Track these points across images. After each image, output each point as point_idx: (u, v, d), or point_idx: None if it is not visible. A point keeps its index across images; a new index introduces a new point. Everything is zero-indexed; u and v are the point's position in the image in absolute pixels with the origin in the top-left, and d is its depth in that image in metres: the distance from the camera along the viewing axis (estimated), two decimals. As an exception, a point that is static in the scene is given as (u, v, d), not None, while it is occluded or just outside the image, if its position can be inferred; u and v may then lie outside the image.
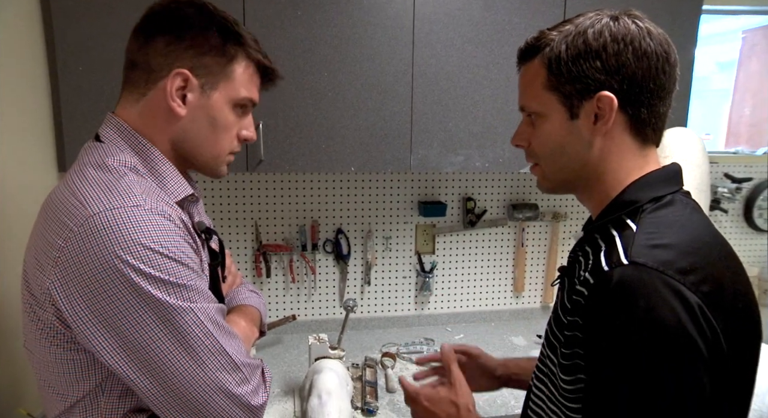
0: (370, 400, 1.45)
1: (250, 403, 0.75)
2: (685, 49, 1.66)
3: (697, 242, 0.66)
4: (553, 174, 0.79)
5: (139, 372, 0.69)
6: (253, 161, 1.48)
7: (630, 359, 0.61)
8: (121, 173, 0.73)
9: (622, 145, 0.72)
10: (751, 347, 0.69)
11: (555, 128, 0.74)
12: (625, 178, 0.73)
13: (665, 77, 0.70)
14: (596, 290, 0.65)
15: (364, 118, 1.52)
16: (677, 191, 0.73)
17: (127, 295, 0.66)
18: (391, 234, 1.96)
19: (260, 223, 1.85)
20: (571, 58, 0.70)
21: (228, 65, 0.79)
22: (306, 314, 1.95)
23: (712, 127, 2.48)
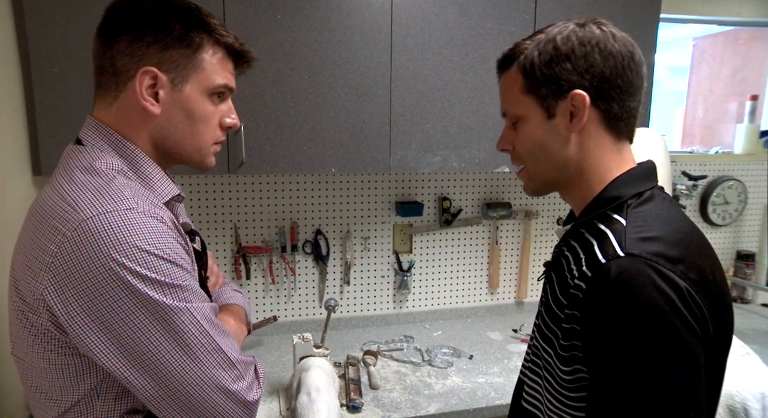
0: (355, 397, 1.48)
1: (245, 399, 0.76)
2: (645, 54, 1.75)
3: (679, 233, 0.72)
4: (537, 174, 0.83)
5: (137, 373, 0.69)
6: (235, 163, 1.49)
7: (630, 345, 0.66)
8: (110, 177, 0.73)
9: (598, 139, 0.77)
10: (726, 331, 0.75)
11: (535, 129, 0.79)
12: (605, 175, 0.78)
13: (632, 74, 0.75)
14: (595, 282, 0.69)
15: (344, 120, 1.55)
16: (654, 187, 0.78)
17: (123, 297, 0.67)
18: (370, 234, 1.99)
19: (239, 225, 1.85)
20: (543, 62, 0.76)
21: (195, 55, 0.77)
22: (287, 315, 1.95)
23: (666, 127, 2.63)
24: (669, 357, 0.65)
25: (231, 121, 0.84)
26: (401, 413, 1.44)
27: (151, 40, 0.75)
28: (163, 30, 0.75)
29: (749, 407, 1.16)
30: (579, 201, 0.81)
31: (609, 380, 0.68)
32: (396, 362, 1.74)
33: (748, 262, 2.33)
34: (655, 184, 0.78)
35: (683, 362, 0.66)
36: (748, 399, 1.17)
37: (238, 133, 1.47)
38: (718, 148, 2.42)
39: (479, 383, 1.60)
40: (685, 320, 0.66)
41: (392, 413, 1.44)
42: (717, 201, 2.35)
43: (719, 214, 2.36)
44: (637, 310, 0.65)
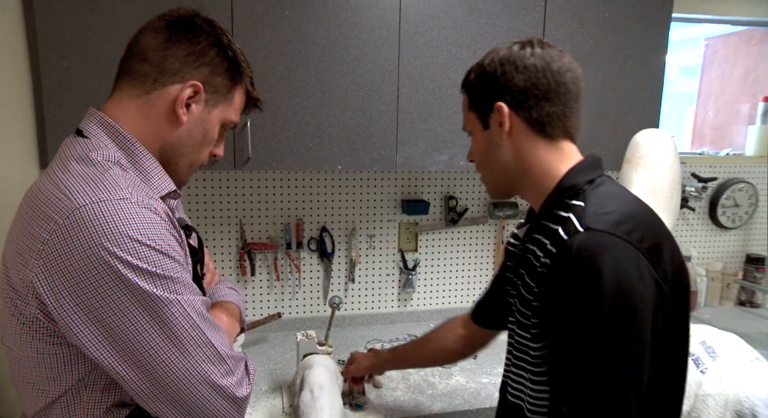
0: (358, 395, 1.47)
1: (234, 394, 0.75)
2: (656, 54, 1.75)
3: (633, 209, 0.82)
4: (489, 178, 0.97)
5: (125, 364, 0.69)
6: (241, 159, 1.49)
7: (591, 320, 0.72)
8: (105, 167, 0.73)
9: (529, 142, 0.88)
10: (684, 296, 0.84)
11: (479, 140, 0.94)
12: (551, 171, 0.88)
13: (548, 83, 0.85)
14: (559, 257, 0.78)
15: (351, 117, 1.55)
16: (603, 174, 0.88)
17: (113, 287, 0.66)
18: (375, 232, 1.98)
19: (245, 221, 1.85)
20: (476, 82, 0.91)
21: (231, 90, 0.85)
22: (291, 312, 1.95)
23: (676, 129, 2.60)
24: (629, 332, 0.72)
25: (219, 152, 0.91)
26: (404, 413, 1.44)
27: (207, 62, 0.81)
28: (219, 59, 0.82)
29: (758, 412, 1.15)
30: (535, 197, 0.91)
31: (571, 354, 0.76)
32: (400, 361, 1.73)
33: (758, 265, 2.30)
34: (602, 172, 0.88)
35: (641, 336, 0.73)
36: (757, 405, 1.15)
37: (244, 129, 1.46)
38: (728, 150, 2.39)
39: (483, 384, 1.59)
40: (640, 285, 0.73)
41: (395, 412, 1.44)
42: (727, 203, 2.32)
43: (729, 216, 2.34)
44: (598, 282, 0.72)
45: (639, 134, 1.66)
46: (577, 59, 1.70)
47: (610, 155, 1.76)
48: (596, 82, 1.72)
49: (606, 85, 1.73)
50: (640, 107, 1.77)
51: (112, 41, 1.33)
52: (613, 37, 1.71)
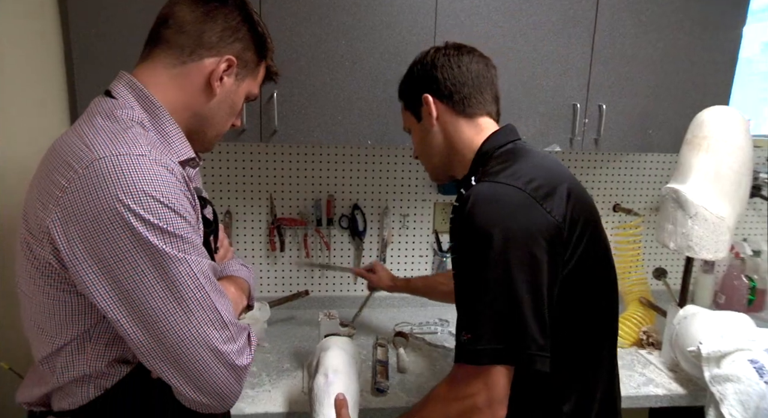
0: (381, 379, 1.42)
1: (234, 362, 0.75)
2: (732, 22, 1.55)
3: (529, 161, 0.94)
4: (429, 164, 1.13)
5: (129, 317, 0.70)
6: (267, 132, 1.44)
7: (483, 239, 0.82)
8: (128, 124, 0.75)
9: (454, 123, 1.04)
10: (588, 225, 0.92)
11: (416, 133, 1.12)
12: (471, 143, 1.02)
13: (460, 73, 1.02)
14: (458, 208, 0.89)
15: (382, 89, 1.46)
16: (517, 139, 1.02)
17: (124, 238, 0.68)
18: (409, 211, 1.91)
19: (275, 196, 1.82)
20: (406, 86, 1.12)
21: (258, 65, 0.91)
22: (320, 290, 1.92)
23: (754, 111, 2.34)
24: (512, 257, 0.81)
25: (237, 123, 0.95)
26: (426, 400, 1.38)
27: (241, 37, 0.85)
28: (251, 35, 0.87)
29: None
30: (463, 172, 1.04)
31: (464, 283, 0.86)
32: (428, 346, 1.67)
33: (836, 263, 2.06)
34: (516, 138, 1.02)
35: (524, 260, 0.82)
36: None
37: (271, 101, 1.41)
38: (812, 134, 2.13)
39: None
40: (521, 221, 0.83)
41: (417, 400, 1.38)
42: (805, 193, 2.08)
43: (806, 207, 2.10)
44: (472, 218, 0.83)
45: (704, 112, 1.48)
46: (635, 26, 1.54)
47: (667, 136, 1.60)
48: (655, 52, 1.54)
49: (667, 56, 1.55)
50: (708, 82, 1.59)
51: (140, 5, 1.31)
52: (680, 1, 1.52)
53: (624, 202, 2.03)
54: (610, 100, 1.55)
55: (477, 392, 0.81)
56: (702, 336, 1.35)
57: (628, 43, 1.53)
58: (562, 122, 1.55)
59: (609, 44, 1.52)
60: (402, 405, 1.35)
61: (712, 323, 1.40)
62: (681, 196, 1.42)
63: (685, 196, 1.41)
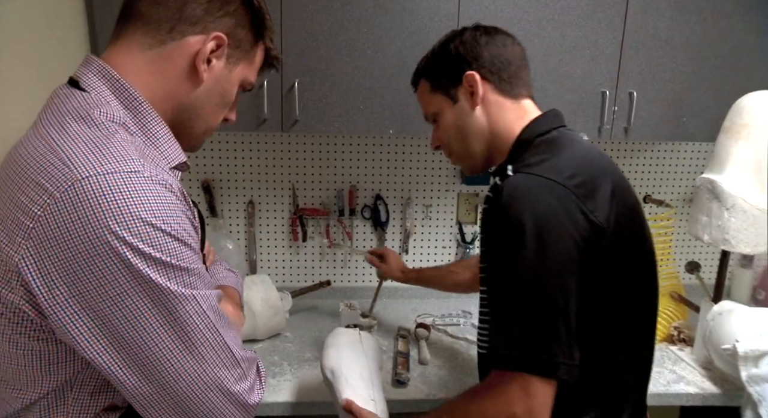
0: (402, 371, 1.41)
1: (246, 401, 0.68)
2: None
3: (573, 153, 0.86)
4: (465, 152, 1.00)
5: (127, 367, 0.59)
6: (288, 121, 1.44)
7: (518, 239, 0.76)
8: (110, 130, 0.62)
9: (498, 104, 0.95)
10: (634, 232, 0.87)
11: (449, 117, 0.99)
12: (513, 127, 0.94)
13: (506, 51, 0.96)
14: (492, 200, 0.83)
15: (404, 78, 1.42)
16: (561, 126, 0.94)
17: (119, 277, 0.56)
18: (432, 202, 1.88)
19: (297, 186, 1.82)
20: (439, 63, 1.00)
21: (254, 46, 0.77)
22: (342, 280, 1.92)
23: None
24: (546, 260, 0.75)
25: (231, 117, 0.82)
26: (447, 393, 1.36)
27: (232, 11, 0.71)
28: (244, 9, 0.73)
29: None
30: (500, 160, 0.96)
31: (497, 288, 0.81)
32: (450, 338, 1.65)
33: None
34: (560, 125, 0.94)
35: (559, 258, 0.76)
36: None
37: (292, 90, 1.40)
38: None
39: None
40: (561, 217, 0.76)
41: (438, 392, 1.37)
42: None
43: None
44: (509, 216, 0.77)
45: (744, 98, 1.41)
46: (670, 9, 1.47)
47: (703, 124, 1.53)
48: (692, 36, 1.47)
49: (705, 39, 1.48)
50: (748, 67, 1.51)
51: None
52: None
53: (655, 193, 1.96)
54: (642, 87, 1.49)
55: (515, 400, 0.76)
56: (739, 334, 1.29)
57: (662, 27, 1.46)
58: (591, 110, 1.50)
59: (641, 28, 1.46)
60: (422, 397, 1.34)
61: (750, 321, 1.34)
62: (717, 187, 1.36)
63: (721, 186, 1.34)
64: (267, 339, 1.59)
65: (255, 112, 1.41)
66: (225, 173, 1.79)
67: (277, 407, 1.31)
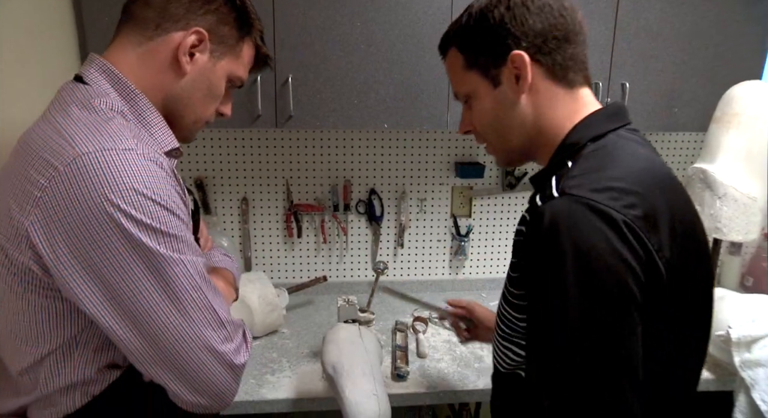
0: (401, 365, 1.42)
1: (232, 361, 0.73)
2: (762, -8, 1.48)
3: (631, 170, 0.68)
4: (501, 145, 0.83)
5: (123, 323, 0.66)
6: (282, 117, 1.43)
7: (560, 286, 0.63)
8: (109, 115, 0.70)
9: (549, 93, 0.76)
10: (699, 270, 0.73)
11: (486, 102, 0.79)
12: (564, 124, 0.76)
13: (566, 22, 0.75)
14: (531, 225, 0.68)
15: (398, 72, 1.43)
16: (621, 127, 0.75)
17: (115, 241, 0.63)
18: (426, 196, 1.88)
19: (291, 182, 1.81)
20: (476, 34, 0.77)
21: (239, 42, 0.82)
22: (338, 275, 1.92)
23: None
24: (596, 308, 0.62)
25: (226, 110, 0.88)
26: (447, 386, 1.37)
27: (214, 9, 0.78)
28: (226, 7, 0.79)
29: None
30: (544, 158, 0.80)
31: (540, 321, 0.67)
32: (447, 331, 1.66)
33: None
34: (620, 125, 0.75)
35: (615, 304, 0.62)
36: None
37: (286, 85, 1.39)
38: None
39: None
40: (618, 256, 0.62)
41: (438, 385, 1.38)
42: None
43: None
44: (567, 251, 0.62)
45: (734, 88, 1.43)
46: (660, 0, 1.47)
47: (694, 114, 1.54)
48: (683, 26, 1.48)
49: (696, 29, 1.49)
50: (739, 57, 1.52)
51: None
52: (709, -28, 1.46)
53: (647, 183, 1.98)
54: (634, 79, 1.50)
55: None
56: (731, 320, 1.32)
57: (653, 18, 1.47)
58: (584, 102, 1.50)
59: (633, 20, 1.47)
60: (423, 391, 1.35)
61: (742, 307, 1.36)
62: (709, 176, 1.38)
63: (713, 176, 1.37)
64: (264, 336, 1.59)
65: (249, 108, 1.40)
66: (218, 170, 1.78)
67: (277, 403, 1.31)
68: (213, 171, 1.78)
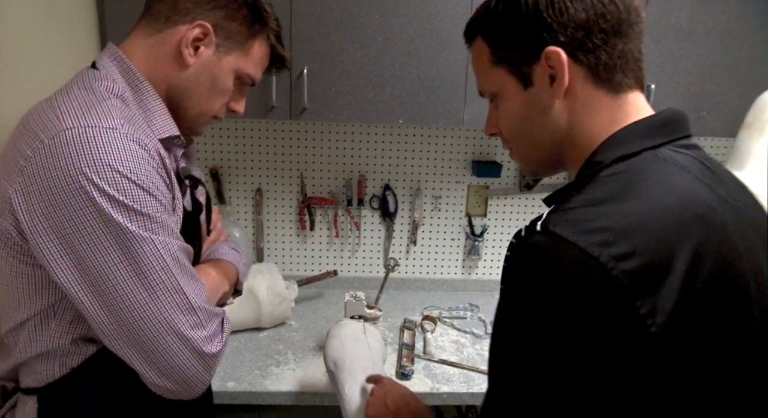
0: (406, 363, 1.40)
1: (201, 348, 0.72)
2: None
3: (649, 206, 0.54)
4: (527, 154, 0.72)
5: (90, 295, 0.67)
6: (297, 109, 1.42)
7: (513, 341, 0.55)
8: (105, 97, 0.72)
9: (590, 99, 0.63)
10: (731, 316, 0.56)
11: (513, 104, 0.68)
12: (600, 137, 0.63)
13: (617, 10, 0.61)
14: (511, 256, 0.59)
15: (415, 66, 1.40)
16: (668, 142, 0.61)
17: (87, 214, 0.65)
18: (441, 193, 1.86)
19: (306, 174, 1.81)
20: (506, 24, 0.65)
21: (249, 40, 0.83)
22: (349, 270, 1.91)
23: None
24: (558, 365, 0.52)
25: (237, 108, 0.88)
26: (452, 387, 1.35)
27: (223, 5, 0.79)
28: (237, 3, 0.80)
29: None
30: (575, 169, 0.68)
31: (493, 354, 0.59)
32: (456, 331, 1.64)
33: None
34: (666, 140, 0.61)
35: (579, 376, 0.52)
36: None
37: (301, 77, 1.38)
38: None
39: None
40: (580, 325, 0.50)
41: (442, 386, 1.36)
42: None
43: None
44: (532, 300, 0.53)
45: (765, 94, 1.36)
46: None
47: (723, 119, 1.48)
48: (716, 25, 1.42)
49: (729, 29, 1.42)
50: (773, 59, 1.45)
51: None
52: (746, -30, 1.39)
53: (672, 188, 1.92)
54: (661, 80, 1.44)
55: None
56: None
57: (684, 17, 1.41)
58: (607, 102, 1.45)
59: (663, 18, 1.41)
60: (426, 391, 1.33)
61: None
62: (735, 185, 1.31)
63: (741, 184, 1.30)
64: (272, 328, 1.59)
65: (263, 99, 1.40)
66: (233, 160, 1.78)
67: (280, 396, 1.31)
68: (228, 161, 1.78)
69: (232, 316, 1.50)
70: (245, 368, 1.39)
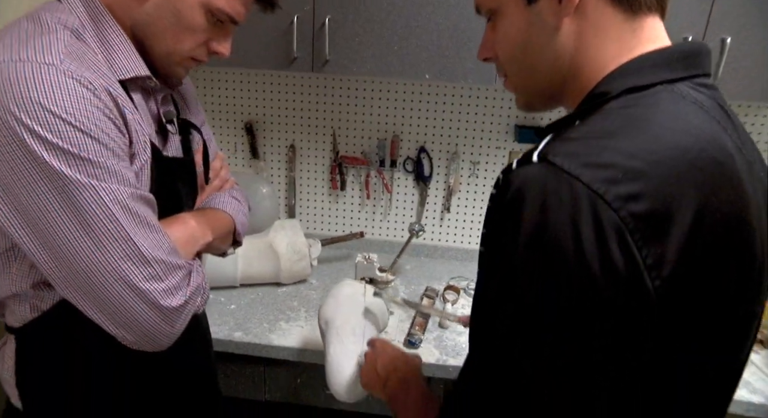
0: (416, 332, 1.35)
1: (159, 301, 0.68)
2: None
3: (659, 143, 0.48)
4: (524, 83, 0.64)
5: (36, 242, 0.64)
6: (319, 61, 1.36)
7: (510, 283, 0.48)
8: (51, 29, 0.65)
9: (601, 19, 0.55)
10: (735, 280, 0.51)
11: (513, 22, 0.59)
12: (608, 66, 0.56)
13: None
14: (496, 193, 0.51)
15: (444, 16, 1.29)
16: (686, 78, 0.54)
17: (20, 157, 0.60)
18: (480, 159, 1.74)
19: (339, 132, 1.76)
20: None
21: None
22: (380, 233, 1.87)
23: None
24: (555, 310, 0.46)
25: (219, 49, 0.79)
26: (459, 361, 1.28)
27: None
28: None
29: None
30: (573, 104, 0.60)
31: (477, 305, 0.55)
32: (479, 305, 1.55)
33: None
34: (684, 75, 0.54)
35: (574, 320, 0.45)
36: None
37: (323, 28, 1.32)
38: None
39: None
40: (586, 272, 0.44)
41: (449, 358, 1.30)
42: None
43: None
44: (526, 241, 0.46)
45: None
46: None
47: None
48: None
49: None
50: None
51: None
52: None
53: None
54: (739, 33, 1.22)
55: None
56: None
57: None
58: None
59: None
60: (431, 362, 1.28)
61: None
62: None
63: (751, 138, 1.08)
64: (292, 284, 1.59)
65: (285, 50, 1.35)
66: (267, 116, 1.77)
67: (283, 350, 1.31)
68: (263, 116, 1.78)
69: (251, 269, 1.54)
70: (256, 320, 1.40)
